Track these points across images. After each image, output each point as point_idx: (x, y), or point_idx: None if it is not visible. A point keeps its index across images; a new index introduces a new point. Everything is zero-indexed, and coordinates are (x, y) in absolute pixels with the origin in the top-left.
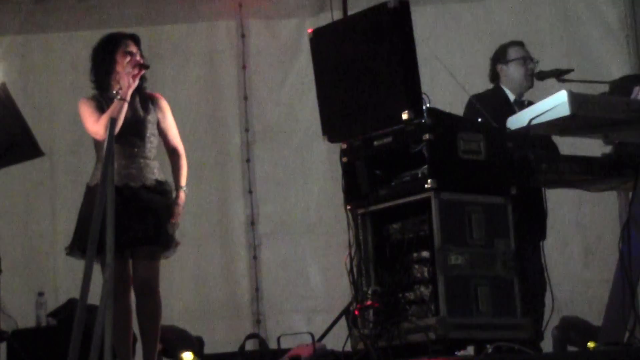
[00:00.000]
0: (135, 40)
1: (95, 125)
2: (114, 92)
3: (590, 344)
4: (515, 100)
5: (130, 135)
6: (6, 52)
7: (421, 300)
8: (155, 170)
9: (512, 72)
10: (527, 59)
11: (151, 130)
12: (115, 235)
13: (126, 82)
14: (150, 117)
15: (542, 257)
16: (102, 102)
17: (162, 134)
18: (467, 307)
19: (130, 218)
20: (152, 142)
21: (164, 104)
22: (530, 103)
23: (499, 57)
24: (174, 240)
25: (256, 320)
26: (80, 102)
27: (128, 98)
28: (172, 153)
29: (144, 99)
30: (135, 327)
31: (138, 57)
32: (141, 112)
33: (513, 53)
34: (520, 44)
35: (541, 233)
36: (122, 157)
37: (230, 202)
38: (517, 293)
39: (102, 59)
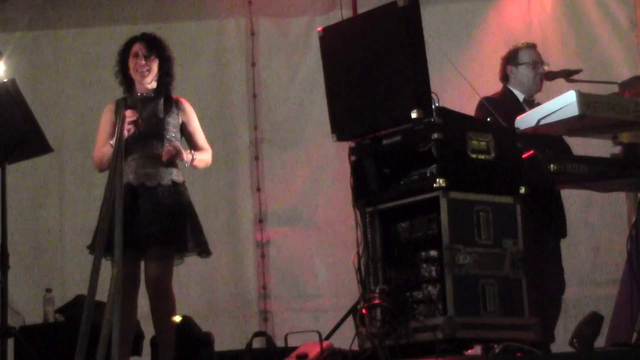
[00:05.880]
0: (146, 40)
1: (96, 151)
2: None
3: None
4: (524, 99)
5: (149, 137)
6: (16, 49)
7: (429, 299)
8: (174, 171)
9: (522, 75)
10: (537, 63)
11: (171, 133)
12: (128, 234)
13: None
14: (171, 120)
15: (561, 258)
16: (122, 107)
17: (189, 138)
18: (475, 307)
19: (144, 217)
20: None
21: (189, 108)
22: (540, 104)
23: (510, 58)
24: (188, 244)
25: (263, 318)
26: (104, 108)
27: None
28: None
29: (168, 102)
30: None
31: (140, 60)
32: (160, 114)
33: (524, 56)
34: (532, 47)
35: (561, 230)
36: (140, 157)
37: (238, 199)
38: (525, 293)
39: (120, 64)
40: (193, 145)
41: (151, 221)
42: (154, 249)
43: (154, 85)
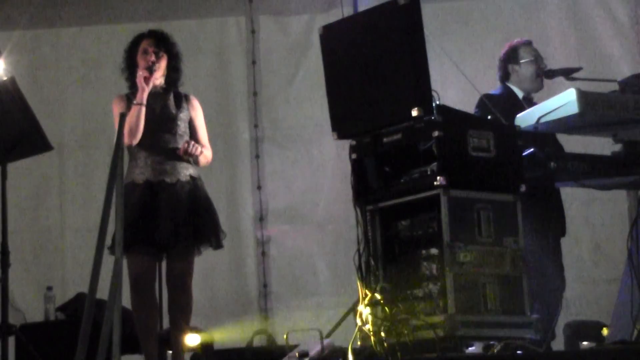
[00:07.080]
0: (154, 36)
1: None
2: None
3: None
4: (523, 97)
5: (162, 132)
6: (16, 47)
7: (429, 297)
8: (189, 166)
9: (524, 72)
10: (538, 58)
11: (183, 128)
12: (150, 231)
13: (139, 86)
14: (183, 115)
15: (562, 255)
16: (132, 100)
17: (192, 133)
18: (476, 305)
19: (166, 215)
20: (184, 139)
21: (197, 105)
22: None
23: (510, 57)
24: (207, 238)
25: (264, 316)
26: (113, 100)
27: (144, 101)
28: None
29: (178, 97)
30: None
31: (150, 57)
32: (173, 110)
33: (524, 54)
34: (530, 44)
35: (561, 228)
36: (155, 154)
37: (239, 197)
38: (526, 291)
39: (127, 61)
40: (195, 141)
41: (173, 219)
42: (177, 248)
43: (162, 81)
